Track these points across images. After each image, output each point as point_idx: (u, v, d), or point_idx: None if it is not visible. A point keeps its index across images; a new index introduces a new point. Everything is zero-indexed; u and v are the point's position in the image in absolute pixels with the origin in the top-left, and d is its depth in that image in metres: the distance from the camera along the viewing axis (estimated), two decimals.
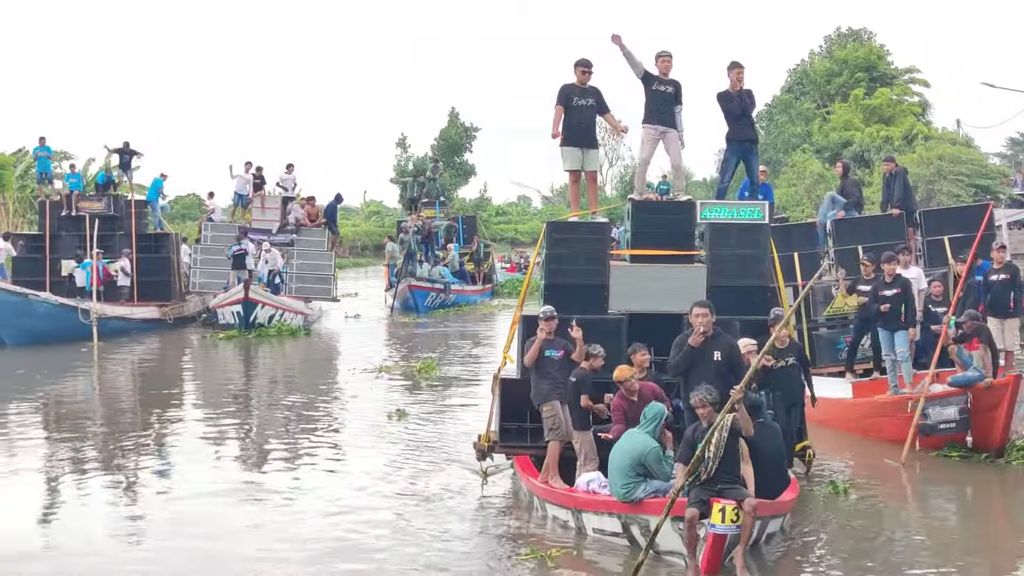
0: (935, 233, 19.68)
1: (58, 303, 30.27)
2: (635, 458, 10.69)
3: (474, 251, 45.96)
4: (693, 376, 11.28)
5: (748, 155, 15.96)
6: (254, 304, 31.59)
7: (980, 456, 14.54)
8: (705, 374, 11.19)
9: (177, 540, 11.51)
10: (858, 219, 20.73)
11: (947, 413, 14.63)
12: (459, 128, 77.27)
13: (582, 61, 14.38)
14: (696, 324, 11.36)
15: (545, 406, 12.29)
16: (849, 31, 74.74)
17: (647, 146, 14.65)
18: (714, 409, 10.35)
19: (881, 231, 19.84)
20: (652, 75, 14.50)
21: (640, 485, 10.61)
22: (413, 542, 11.21)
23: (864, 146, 59.15)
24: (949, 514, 12.84)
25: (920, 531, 11.81)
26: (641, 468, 10.67)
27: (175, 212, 76.55)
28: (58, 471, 14.94)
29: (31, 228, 39.55)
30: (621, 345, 12.97)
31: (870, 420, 16.03)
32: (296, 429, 17.57)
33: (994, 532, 12.27)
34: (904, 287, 15.98)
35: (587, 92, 14.29)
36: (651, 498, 10.52)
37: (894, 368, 15.96)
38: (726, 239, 13.69)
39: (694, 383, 11.05)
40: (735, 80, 15.66)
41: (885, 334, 15.98)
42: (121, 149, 37.68)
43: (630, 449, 10.79)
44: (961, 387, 14.61)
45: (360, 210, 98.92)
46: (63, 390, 22.88)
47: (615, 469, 10.84)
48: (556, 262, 13.68)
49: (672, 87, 14.59)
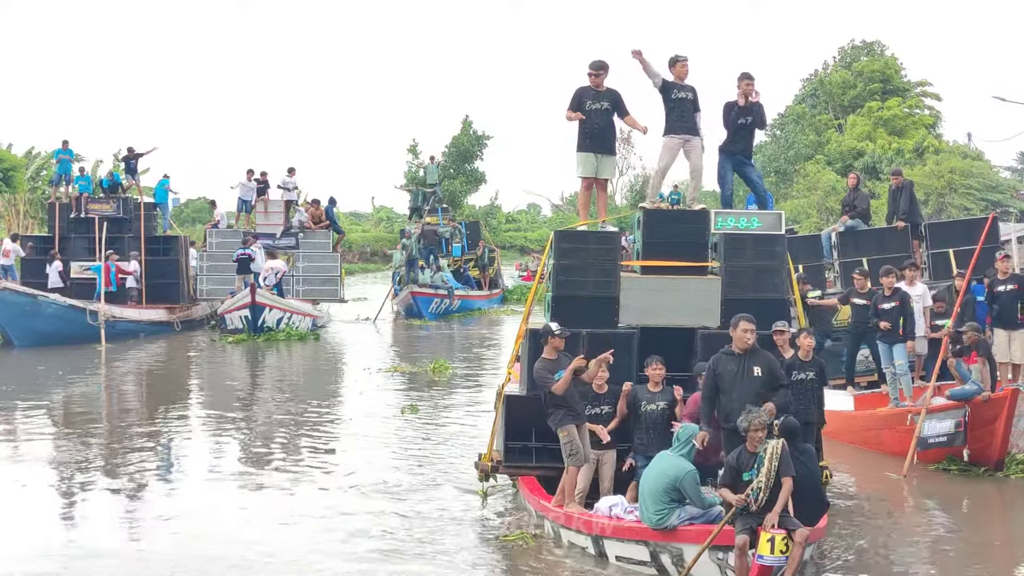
0: (940, 246, 19.72)
1: (67, 304, 30.44)
2: (669, 482, 10.06)
3: (479, 256, 45.86)
4: (733, 395, 10.64)
5: (743, 168, 14.94)
6: (262, 308, 31.64)
7: (979, 470, 14.52)
8: (746, 393, 10.60)
9: (177, 541, 11.66)
10: (863, 231, 20.77)
11: (940, 427, 14.59)
12: (471, 136, 77.25)
13: (594, 64, 13.67)
14: (743, 340, 10.78)
15: (562, 431, 11.48)
16: (863, 43, 74.77)
17: (667, 155, 13.87)
18: (765, 433, 9.84)
19: (886, 243, 19.91)
20: (670, 83, 13.75)
21: (674, 511, 10.01)
22: (412, 561, 10.99)
23: (875, 157, 59.16)
24: (947, 527, 12.81)
25: (918, 543, 11.83)
26: (676, 493, 10.05)
27: (185, 216, 76.77)
28: (65, 473, 15.01)
29: (41, 230, 39.70)
30: (632, 360, 12.52)
31: (871, 433, 16.03)
32: (300, 437, 17.49)
33: (992, 545, 12.24)
34: (902, 300, 15.95)
35: (602, 95, 13.56)
36: (686, 525, 9.98)
37: (895, 381, 15.95)
38: (741, 250, 13.02)
39: (735, 402, 10.50)
40: (742, 92, 14.68)
41: (884, 347, 15.98)
42: (127, 156, 37.83)
43: (663, 472, 10.18)
44: (959, 401, 14.59)
45: (370, 216, 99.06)
46: (71, 392, 22.95)
47: (647, 493, 10.20)
48: (564, 273, 13.01)
49: (691, 93, 13.84)
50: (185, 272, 36.25)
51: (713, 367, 10.85)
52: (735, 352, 10.83)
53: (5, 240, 35.23)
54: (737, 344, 10.81)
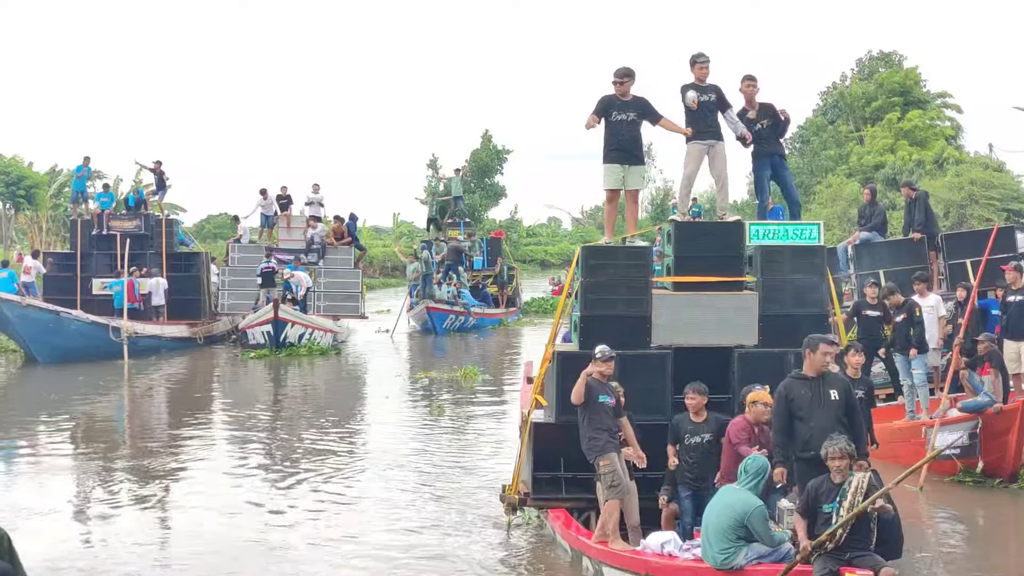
0: (957, 256, 19.70)
1: (90, 321, 30.73)
2: (736, 518, 9.27)
3: (497, 274, 45.82)
4: (811, 422, 9.82)
5: (778, 171, 14.28)
6: (284, 323, 31.77)
7: (994, 482, 14.53)
8: (825, 419, 9.79)
9: (194, 555, 11.85)
10: (879, 243, 20.81)
11: (950, 439, 14.52)
12: (491, 150, 77.35)
13: (619, 71, 12.79)
14: (821, 364, 10.00)
15: (603, 460, 10.75)
16: (880, 54, 74.64)
17: (691, 162, 13.20)
18: (848, 463, 9.09)
19: (902, 255, 19.96)
20: (689, 85, 13.10)
21: (742, 550, 9.24)
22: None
23: (896, 169, 59.02)
24: (960, 538, 12.83)
25: (932, 555, 11.84)
26: (743, 530, 9.27)
27: (207, 231, 77.14)
28: (87, 486, 15.31)
29: (64, 246, 40.02)
30: (666, 383, 11.91)
31: (886, 445, 16.00)
32: (323, 457, 17.23)
33: (1004, 556, 12.26)
34: (909, 310, 16.00)
35: (628, 105, 12.73)
36: (755, 566, 9.25)
37: (911, 393, 15.98)
38: (779, 263, 12.30)
39: (814, 430, 9.72)
40: (746, 96, 14.09)
41: (901, 359, 16.03)
42: (153, 168, 38.09)
43: (730, 507, 9.38)
44: (972, 413, 14.59)
45: (391, 231, 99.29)
46: (94, 407, 23.17)
47: (711, 530, 9.42)
48: (593, 291, 12.24)
49: (713, 93, 13.12)
50: (206, 288, 36.50)
51: (785, 393, 10.00)
52: (807, 376, 10.06)
53: (26, 257, 35.63)
54: (813, 368, 10.02)
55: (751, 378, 11.28)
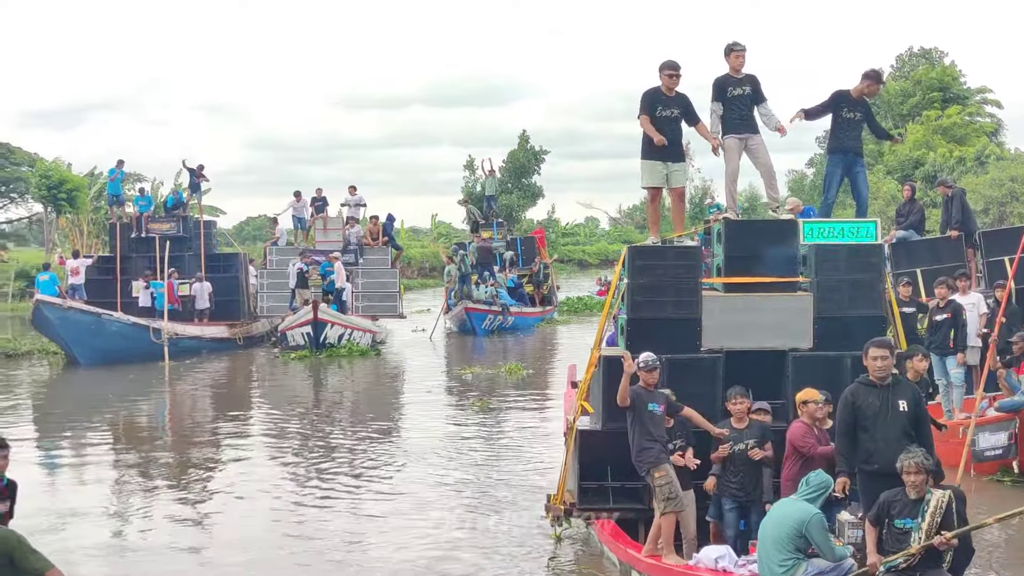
0: (995, 254, 19.52)
1: (131, 323, 30.95)
2: (795, 527, 8.84)
3: (534, 273, 45.71)
4: (876, 433, 9.24)
5: (853, 170, 13.55)
6: (323, 324, 31.80)
7: None
8: (892, 430, 9.21)
9: (230, 557, 11.99)
10: (916, 241, 20.72)
11: (995, 440, 14.36)
12: (528, 151, 77.48)
13: (668, 64, 12.48)
14: (878, 369, 9.35)
15: (657, 471, 10.28)
16: (921, 51, 74.15)
17: (732, 157, 12.71)
18: (925, 478, 8.52)
19: (940, 253, 19.85)
20: (722, 78, 12.68)
21: (801, 565, 8.79)
22: None
23: (937, 166, 58.55)
24: (1001, 536, 12.63)
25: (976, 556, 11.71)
26: (802, 541, 8.83)
27: (246, 233, 77.58)
28: (126, 487, 15.46)
29: (104, 249, 40.33)
30: (716, 388, 11.42)
31: None
32: (363, 460, 17.12)
33: None
34: (955, 312, 15.85)
35: (672, 101, 12.41)
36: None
37: (947, 393, 15.85)
38: (835, 263, 11.74)
39: (879, 442, 9.18)
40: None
41: (937, 359, 15.87)
42: (194, 170, 38.36)
43: (787, 516, 8.97)
44: (1008, 412, 14.43)
45: (429, 231, 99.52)
46: (135, 408, 23.35)
47: (769, 541, 8.98)
48: (641, 293, 11.76)
49: (749, 86, 12.64)
50: (245, 289, 36.66)
51: (851, 399, 9.40)
52: (875, 383, 9.40)
53: (69, 260, 35.90)
54: (873, 374, 9.39)
55: (806, 383, 10.86)
